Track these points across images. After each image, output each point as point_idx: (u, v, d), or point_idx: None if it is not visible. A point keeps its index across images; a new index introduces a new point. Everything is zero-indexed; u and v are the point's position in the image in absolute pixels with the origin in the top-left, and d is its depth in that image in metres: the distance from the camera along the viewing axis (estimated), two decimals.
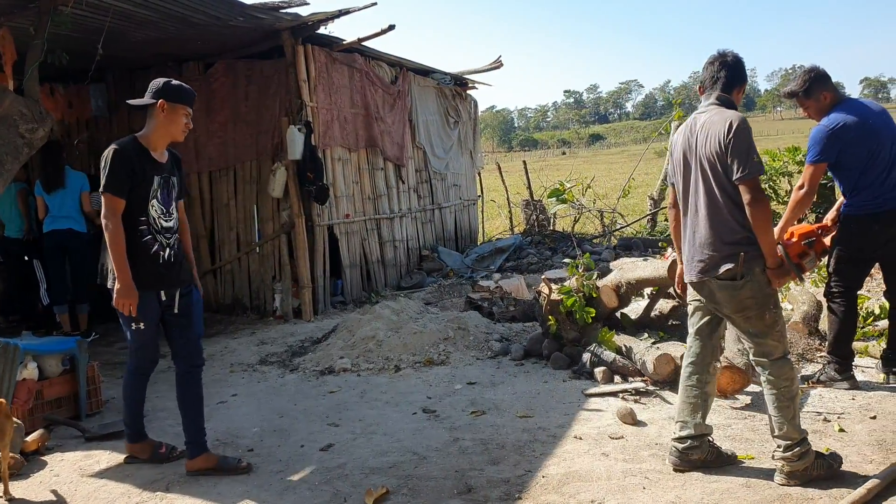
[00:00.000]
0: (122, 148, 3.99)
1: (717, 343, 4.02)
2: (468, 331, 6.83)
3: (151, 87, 4.10)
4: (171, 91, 4.07)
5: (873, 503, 3.39)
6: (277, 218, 8.74)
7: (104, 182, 3.96)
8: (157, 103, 4.03)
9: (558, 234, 12.52)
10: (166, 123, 4.08)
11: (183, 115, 4.12)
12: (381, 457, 4.37)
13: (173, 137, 4.16)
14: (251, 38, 8.48)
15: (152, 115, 4.08)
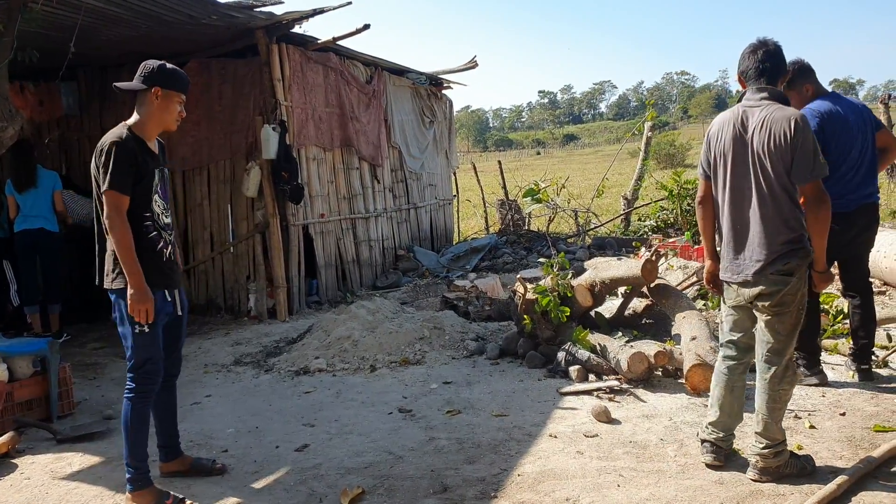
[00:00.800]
0: (123, 141, 3.66)
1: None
2: (444, 330, 6.84)
3: (143, 70, 3.79)
4: (166, 76, 3.80)
5: (843, 499, 3.45)
6: (252, 217, 8.69)
7: (108, 179, 3.61)
8: (150, 90, 3.76)
9: (533, 234, 12.57)
10: (160, 111, 3.82)
11: (177, 103, 3.87)
12: (357, 457, 4.37)
13: (167, 126, 3.91)
14: (225, 37, 8.41)
15: (144, 103, 3.79)
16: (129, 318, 3.72)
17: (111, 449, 4.69)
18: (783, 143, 3.52)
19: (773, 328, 3.68)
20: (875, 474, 3.66)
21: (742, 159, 3.67)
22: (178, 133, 9.02)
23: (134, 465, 3.82)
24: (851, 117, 4.81)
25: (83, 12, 6.47)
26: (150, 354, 3.80)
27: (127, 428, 3.81)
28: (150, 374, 3.83)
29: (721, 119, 3.84)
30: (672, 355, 5.13)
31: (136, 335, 3.75)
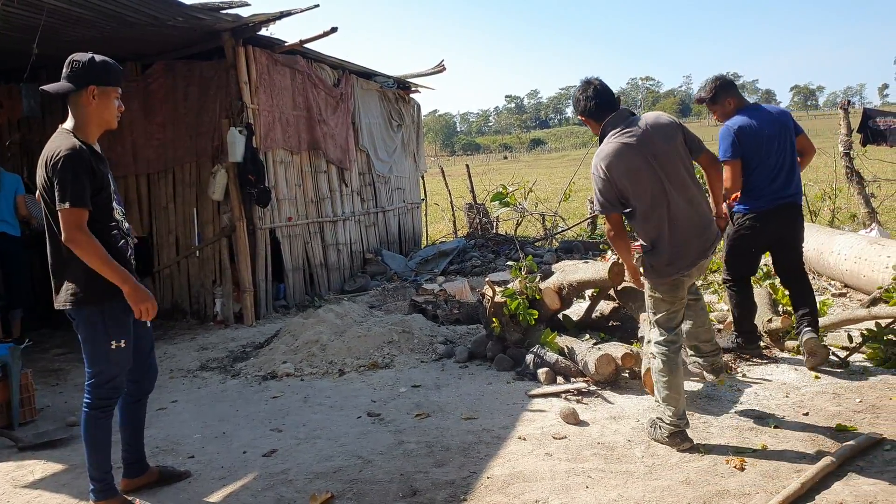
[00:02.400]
0: (77, 151, 3.40)
1: None
2: (413, 334, 6.82)
3: (72, 67, 3.47)
4: (99, 71, 3.50)
5: (807, 497, 3.50)
6: (218, 221, 8.60)
7: (67, 195, 3.35)
8: (84, 90, 3.48)
9: (501, 238, 12.60)
10: (99, 111, 3.54)
11: (115, 98, 3.58)
12: (326, 461, 4.34)
13: (108, 125, 3.63)
14: (191, 39, 8.32)
15: (80, 104, 3.52)
16: (108, 333, 3.59)
17: (74, 456, 4.60)
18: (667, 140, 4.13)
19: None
20: (838, 473, 3.72)
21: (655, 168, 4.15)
22: (143, 135, 8.96)
23: (99, 476, 3.73)
24: (767, 128, 5.27)
25: (45, 13, 6.36)
26: (121, 370, 3.70)
27: (93, 442, 3.71)
28: (117, 388, 3.73)
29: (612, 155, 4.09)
30: (639, 357, 5.17)
31: (114, 351, 3.61)
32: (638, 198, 4.05)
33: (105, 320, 3.58)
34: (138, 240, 3.86)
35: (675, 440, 4.16)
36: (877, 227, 9.50)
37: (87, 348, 3.65)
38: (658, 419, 4.26)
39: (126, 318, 3.65)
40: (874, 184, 11.85)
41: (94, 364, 3.65)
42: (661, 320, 4.24)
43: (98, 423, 3.70)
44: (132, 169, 9.11)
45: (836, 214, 12.04)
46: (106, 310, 3.59)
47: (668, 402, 4.18)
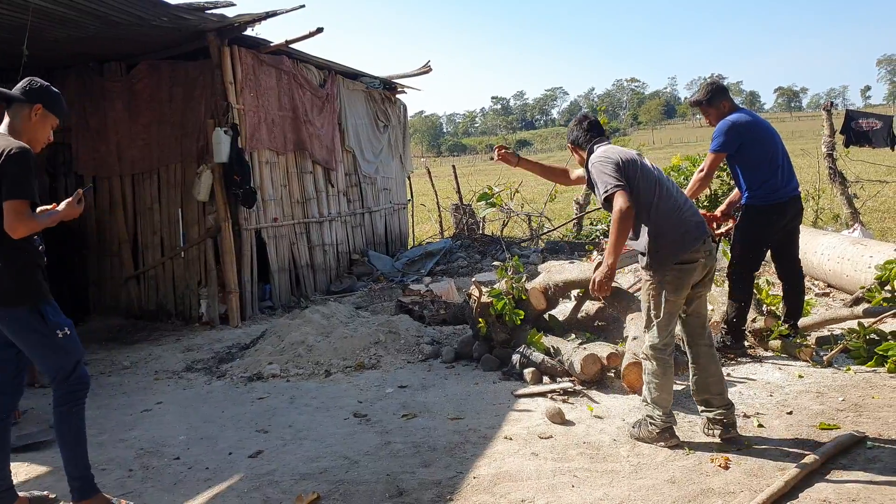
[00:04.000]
0: (28, 149, 3.52)
1: None
2: (399, 334, 6.82)
3: (29, 85, 3.68)
4: (51, 98, 3.72)
5: (791, 495, 3.53)
6: (203, 222, 8.56)
7: (24, 187, 3.44)
8: (30, 105, 3.65)
9: (488, 238, 12.61)
10: (35, 129, 3.69)
11: (51, 127, 3.76)
12: (312, 462, 4.34)
13: (34, 145, 3.68)
14: (176, 39, 8.29)
15: (20, 116, 3.65)
16: (53, 325, 3.61)
17: (58, 458, 4.54)
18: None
19: (705, 303, 4.30)
20: (821, 471, 3.76)
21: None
22: (128, 136, 8.93)
23: (82, 474, 3.73)
24: (764, 125, 5.57)
25: (31, 13, 6.32)
26: (79, 356, 3.72)
27: (70, 439, 3.71)
28: (84, 376, 3.73)
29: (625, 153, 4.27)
30: (624, 357, 5.20)
31: (62, 339, 3.63)
32: (644, 181, 4.12)
33: (43, 316, 3.61)
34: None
35: (664, 436, 4.20)
36: (859, 227, 9.59)
37: (36, 347, 3.66)
38: (647, 417, 4.27)
39: (57, 308, 3.70)
40: (857, 184, 11.96)
41: (48, 361, 3.67)
42: (661, 322, 4.15)
43: (71, 418, 3.70)
44: (116, 169, 9.07)
45: (820, 215, 12.14)
46: (42, 306, 3.62)
47: (658, 403, 4.20)
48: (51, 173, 9.52)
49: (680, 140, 78.90)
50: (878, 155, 12.88)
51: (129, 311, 9.12)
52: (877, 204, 13.75)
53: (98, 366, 6.94)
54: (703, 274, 4.15)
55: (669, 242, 4.08)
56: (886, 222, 12.29)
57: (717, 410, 4.21)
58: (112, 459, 4.58)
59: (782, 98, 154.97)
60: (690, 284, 4.12)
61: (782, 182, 5.47)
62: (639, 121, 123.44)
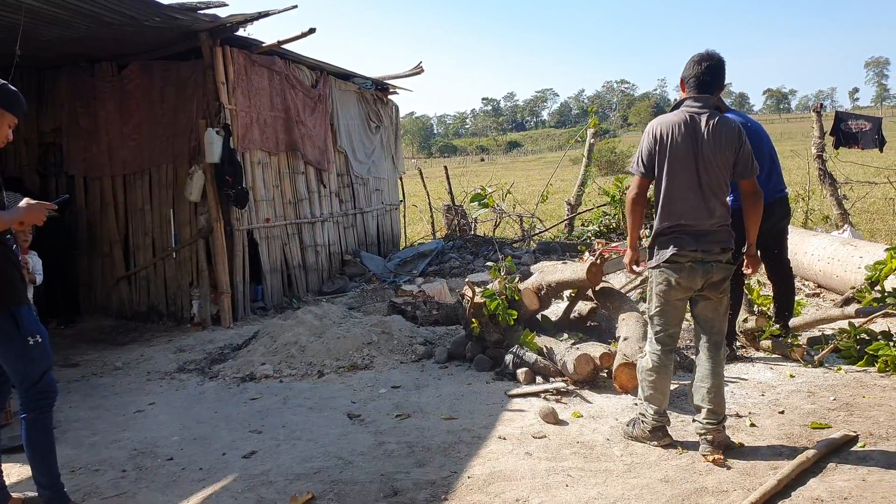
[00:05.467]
0: None
1: None
2: (392, 335, 6.82)
3: None
4: (7, 97, 3.64)
5: (784, 493, 3.55)
6: (195, 222, 8.53)
7: None
8: None
9: (480, 239, 12.62)
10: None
11: (8, 125, 3.68)
12: (306, 462, 4.34)
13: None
14: (167, 39, 8.26)
15: None
16: (25, 331, 3.57)
17: None
18: (728, 148, 3.95)
19: (718, 311, 4.10)
20: (814, 470, 3.79)
21: (693, 158, 3.96)
22: (119, 137, 8.90)
23: (49, 483, 3.72)
24: (755, 127, 5.57)
25: (24, 13, 6.29)
26: (48, 364, 3.68)
27: (39, 448, 3.68)
28: (51, 385, 3.70)
29: (667, 122, 4.03)
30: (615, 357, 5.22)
31: (32, 347, 3.59)
32: (668, 170, 3.98)
33: (17, 320, 3.57)
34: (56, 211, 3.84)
35: (656, 435, 4.19)
36: (849, 228, 9.65)
37: (5, 352, 3.61)
38: (640, 415, 4.28)
39: (33, 314, 3.67)
40: (846, 186, 12.04)
41: (16, 367, 3.63)
42: (654, 318, 4.17)
43: (39, 427, 3.67)
44: (108, 170, 9.04)
45: (810, 216, 12.21)
46: (14, 310, 3.58)
47: (651, 402, 4.19)
48: (41, 173, 9.48)
49: None
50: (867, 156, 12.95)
51: (121, 312, 9.09)
52: (866, 205, 13.84)
53: (89, 367, 6.92)
54: (704, 280, 4.00)
55: (665, 239, 4.06)
56: (875, 223, 12.38)
57: (704, 422, 4.05)
58: (105, 460, 4.56)
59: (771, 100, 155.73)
60: (685, 287, 4.03)
61: (771, 183, 5.50)
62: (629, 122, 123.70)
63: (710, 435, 4.03)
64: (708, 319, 4.13)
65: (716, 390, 4.07)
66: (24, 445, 3.71)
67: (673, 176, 3.98)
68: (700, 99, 4.03)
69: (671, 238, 4.01)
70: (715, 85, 4.06)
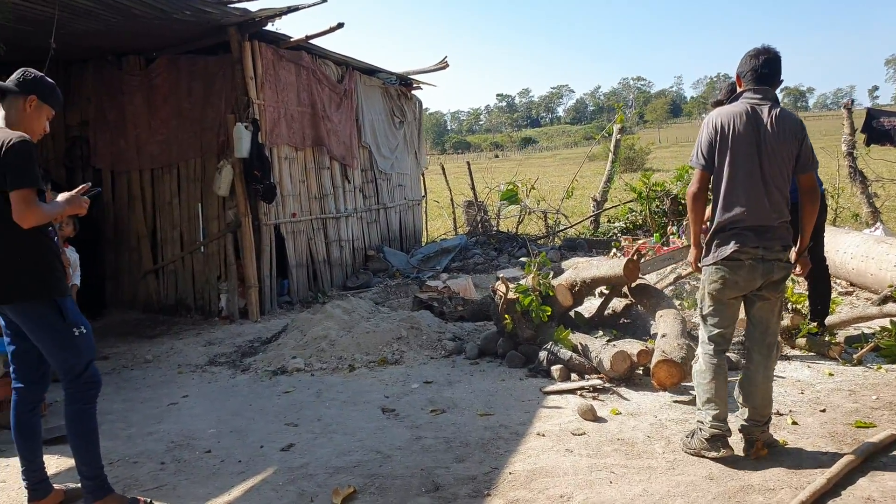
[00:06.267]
0: (29, 139, 3.51)
1: None
2: (421, 330, 6.80)
3: (22, 76, 3.66)
4: (45, 88, 3.69)
5: (833, 493, 3.51)
6: (223, 217, 8.55)
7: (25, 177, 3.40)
8: (24, 96, 3.63)
9: (503, 235, 12.57)
10: (30, 121, 3.66)
11: (46, 117, 3.75)
12: (345, 456, 4.32)
13: (33, 136, 3.66)
14: (195, 33, 8.27)
15: (15, 107, 3.64)
16: (71, 322, 3.60)
17: None
18: (793, 139, 3.86)
19: (774, 312, 3.99)
20: (862, 469, 3.74)
21: (756, 150, 3.85)
22: (147, 131, 8.92)
23: (93, 473, 3.72)
24: None
25: (56, 6, 6.30)
26: (92, 355, 3.70)
27: (83, 439, 3.69)
28: (96, 376, 3.72)
29: (727, 113, 3.94)
30: (654, 354, 5.17)
31: (78, 338, 3.61)
32: (730, 162, 3.87)
33: (62, 310, 3.59)
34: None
35: (714, 444, 3.95)
36: (881, 226, 9.54)
37: (50, 343, 3.62)
38: (698, 423, 4.06)
39: (75, 305, 3.68)
40: (877, 184, 11.89)
41: (61, 358, 3.63)
42: (707, 317, 4.04)
43: (84, 417, 3.69)
44: (135, 164, 9.06)
45: (839, 214, 12.08)
46: (59, 300, 3.60)
47: (708, 406, 3.99)
48: (68, 167, 9.52)
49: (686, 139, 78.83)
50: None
51: (148, 306, 9.11)
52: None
53: (120, 359, 6.94)
54: (764, 279, 3.89)
55: (723, 236, 3.93)
56: None
57: (749, 422, 3.99)
58: (142, 453, 4.57)
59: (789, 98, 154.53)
60: (743, 286, 3.91)
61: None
62: (644, 119, 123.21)
63: (753, 434, 3.98)
64: (763, 320, 4.00)
65: (765, 392, 3.99)
66: (69, 436, 3.73)
67: (735, 168, 3.86)
68: (759, 91, 3.95)
69: (732, 234, 3.86)
70: (773, 77, 3.98)
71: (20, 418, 3.79)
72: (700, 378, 4.05)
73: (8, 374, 5.17)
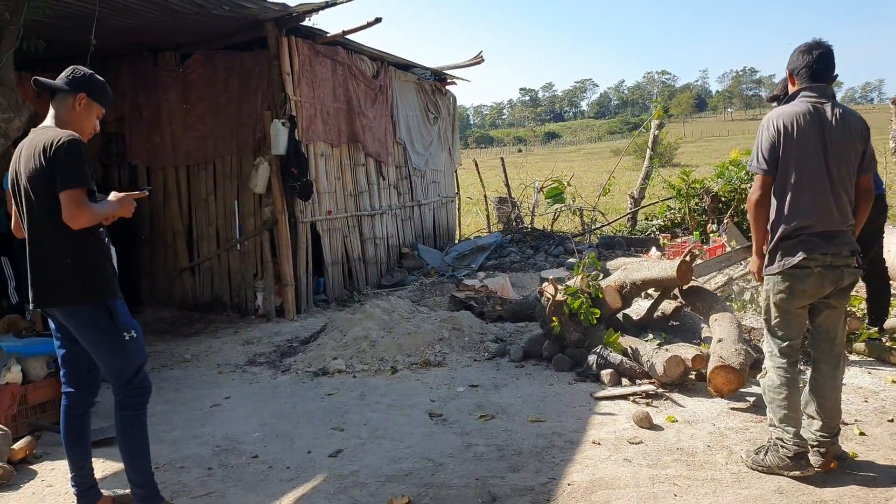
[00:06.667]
0: (78, 137, 3.43)
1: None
2: (463, 331, 6.68)
3: (72, 74, 3.60)
4: (95, 86, 3.62)
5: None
6: (259, 214, 8.47)
7: (74, 177, 3.32)
8: (74, 95, 3.56)
9: (539, 232, 12.40)
10: (80, 119, 3.60)
11: (96, 116, 3.68)
12: (395, 463, 4.21)
13: (83, 135, 3.59)
14: (230, 29, 8.19)
15: (65, 106, 3.56)
16: (121, 325, 3.51)
17: None
18: (858, 138, 3.69)
19: (841, 320, 3.86)
20: None
21: (822, 151, 3.67)
22: (182, 127, 8.87)
23: (144, 481, 3.66)
24: None
25: (97, 1, 6.24)
26: (143, 359, 3.64)
27: (134, 445, 3.63)
28: (145, 381, 3.65)
29: (788, 113, 3.73)
30: (710, 360, 5.01)
31: (128, 342, 3.53)
32: (796, 165, 3.67)
33: (112, 313, 3.51)
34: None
35: (798, 463, 3.75)
36: None
37: (99, 347, 3.54)
38: (777, 441, 3.83)
39: (126, 308, 3.60)
40: None
41: (111, 362, 3.56)
42: (775, 329, 3.84)
43: (134, 424, 3.62)
44: (171, 160, 9.02)
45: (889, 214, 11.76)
46: (109, 303, 3.52)
47: (786, 423, 3.78)
48: (104, 163, 9.49)
49: (712, 133, 78.08)
50: None
51: (183, 303, 9.07)
52: None
53: (158, 358, 6.89)
54: (833, 286, 3.72)
55: (789, 242, 3.74)
56: None
57: (818, 434, 3.80)
58: (188, 457, 4.49)
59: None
60: (812, 294, 3.72)
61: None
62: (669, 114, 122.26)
63: (823, 447, 3.80)
64: (831, 329, 3.83)
65: (834, 404, 3.82)
66: (119, 443, 3.66)
67: (802, 171, 3.66)
68: (816, 88, 3.75)
69: (798, 241, 3.67)
70: (829, 73, 3.79)
71: (70, 423, 3.72)
72: (774, 394, 3.82)
73: (52, 375, 5.17)
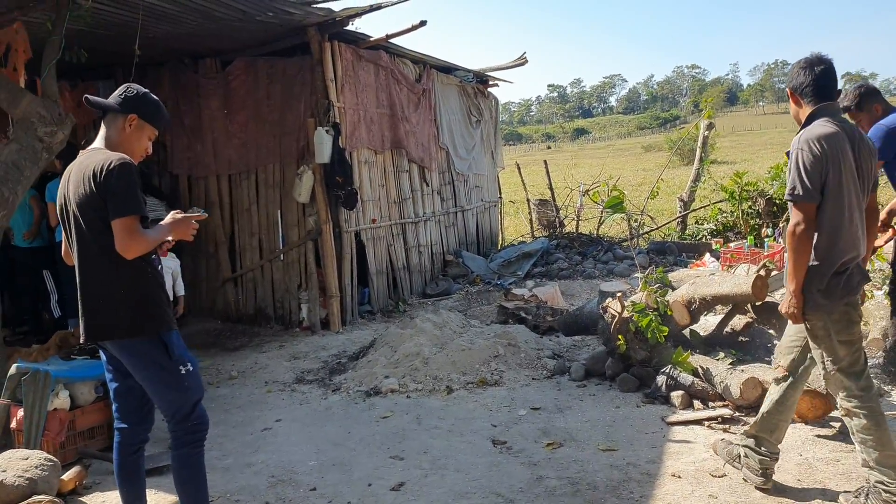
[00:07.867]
0: (130, 161, 3.26)
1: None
2: (518, 347, 6.42)
3: (124, 93, 3.44)
4: (147, 107, 3.46)
5: None
6: (303, 224, 8.27)
7: (128, 205, 3.15)
8: (125, 115, 3.40)
9: (585, 238, 12.06)
10: (131, 140, 3.43)
11: (148, 137, 3.51)
12: (462, 499, 3.98)
13: (134, 157, 3.41)
14: (272, 35, 8.00)
15: (115, 126, 3.40)
16: (177, 359, 3.33)
17: None
18: (872, 159, 3.59)
19: None
20: None
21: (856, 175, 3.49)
22: (224, 135, 8.70)
23: None
24: None
25: (129, 8, 6.10)
26: (200, 393, 3.45)
27: (196, 485, 3.45)
28: (204, 416, 3.48)
29: (826, 134, 3.40)
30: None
31: (185, 376, 3.36)
32: (843, 192, 3.40)
33: (167, 346, 3.32)
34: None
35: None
36: None
37: (155, 382, 3.37)
38: (877, 484, 3.49)
39: (181, 340, 3.43)
40: None
41: (167, 398, 3.38)
42: (844, 366, 3.48)
43: (191, 463, 3.44)
44: (213, 169, 8.86)
45: None
46: (164, 336, 3.32)
47: (883, 463, 3.45)
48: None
49: (743, 127, 76.93)
50: None
51: (227, 314, 8.91)
52: None
53: (205, 375, 6.69)
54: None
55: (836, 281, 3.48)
56: None
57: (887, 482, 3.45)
58: (243, 488, 4.29)
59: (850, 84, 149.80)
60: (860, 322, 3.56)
61: None
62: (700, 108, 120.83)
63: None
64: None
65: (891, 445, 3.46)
66: (176, 481, 3.47)
67: (849, 197, 3.40)
68: (832, 107, 3.54)
69: (847, 276, 3.44)
70: (835, 89, 3.57)
71: (124, 461, 3.54)
72: (864, 435, 3.47)
73: (101, 399, 4.99)
